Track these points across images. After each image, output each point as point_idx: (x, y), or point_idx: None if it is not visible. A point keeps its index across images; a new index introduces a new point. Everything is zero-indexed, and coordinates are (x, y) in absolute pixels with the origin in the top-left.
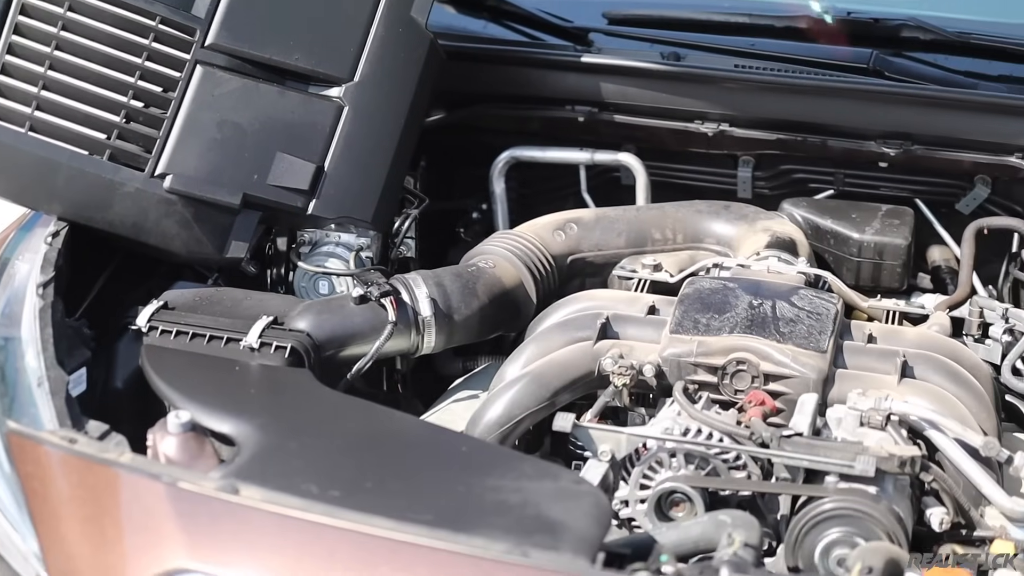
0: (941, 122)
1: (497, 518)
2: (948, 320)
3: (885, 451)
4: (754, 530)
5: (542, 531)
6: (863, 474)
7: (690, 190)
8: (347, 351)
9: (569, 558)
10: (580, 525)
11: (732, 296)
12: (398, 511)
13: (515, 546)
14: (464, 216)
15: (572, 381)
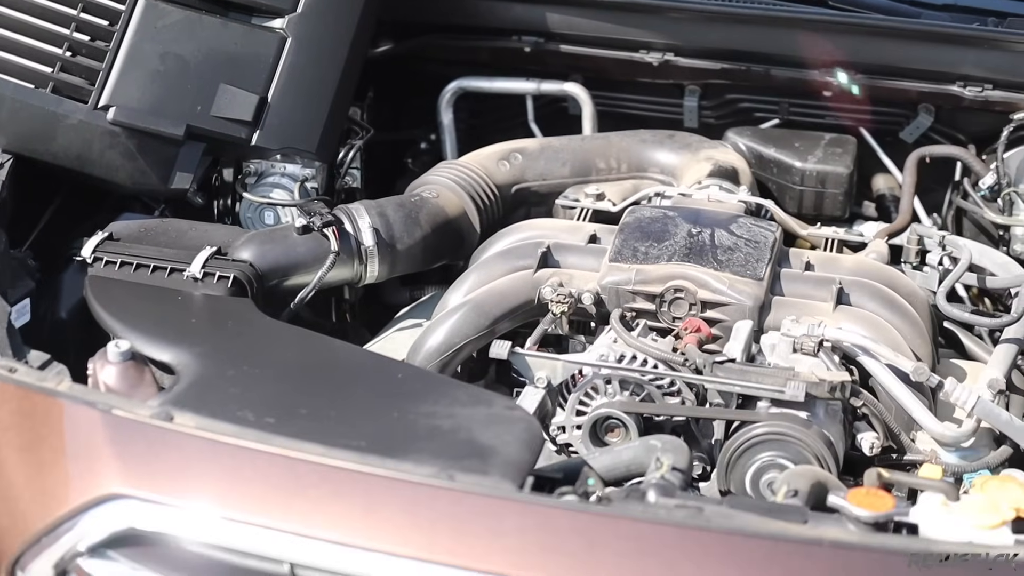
0: (884, 51)
1: (428, 443)
2: (886, 248)
3: (816, 377)
4: (683, 454)
5: (472, 456)
6: (793, 399)
7: (637, 120)
8: (290, 281)
9: (494, 481)
10: (510, 450)
11: (672, 225)
12: (331, 437)
13: (442, 470)
14: (412, 147)
15: (512, 309)
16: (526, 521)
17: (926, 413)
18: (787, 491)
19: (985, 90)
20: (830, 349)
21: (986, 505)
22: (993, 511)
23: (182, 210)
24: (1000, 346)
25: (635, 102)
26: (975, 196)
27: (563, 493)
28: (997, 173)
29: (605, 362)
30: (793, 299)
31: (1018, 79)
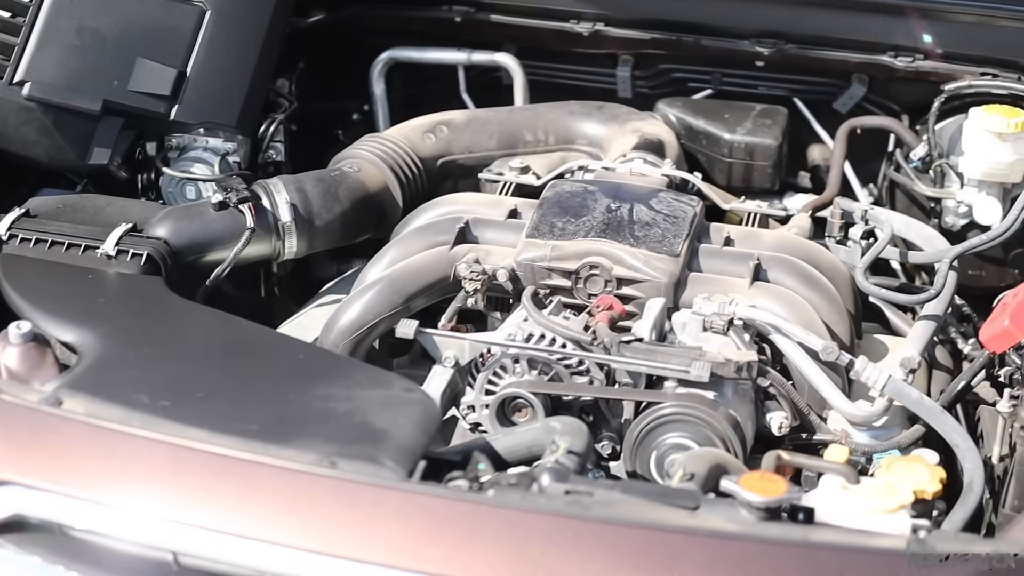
0: (814, 21)
1: (322, 426)
2: (809, 222)
3: (722, 356)
4: (580, 437)
5: (364, 439)
6: (698, 379)
7: (572, 90)
8: (208, 257)
9: (376, 468)
10: (403, 433)
11: (591, 199)
12: (223, 421)
13: (324, 457)
14: (344, 118)
15: (427, 286)
16: (404, 509)
17: (835, 392)
18: (683, 475)
19: (916, 60)
20: (741, 327)
21: (884, 489)
22: (891, 495)
23: (106, 185)
24: (918, 323)
25: (570, 72)
26: (907, 168)
27: (453, 478)
28: (929, 144)
29: (513, 341)
30: (710, 275)
31: (948, 49)
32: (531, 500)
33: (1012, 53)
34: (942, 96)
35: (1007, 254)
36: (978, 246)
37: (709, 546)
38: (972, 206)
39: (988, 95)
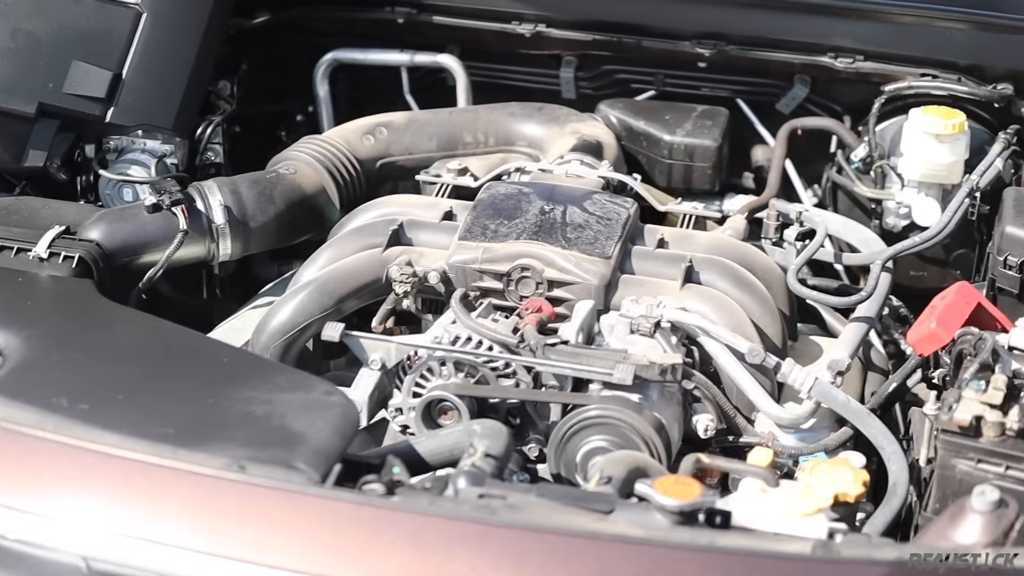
0: (754, 22)
1: (238, 431)
2: (744, 224)
3: (646, 359)
4: (499, 440)
5: (280, 443)
6: (621, 382)
7: (518, 91)
8: (141, 260)
9: (284, 473)
10: (320, 436)
11: (525, 201)
12: (141, 424)
13: (233, 461)
14: (288, 119)
15: (358, 288)
16: (310, 513)
17: (762, 394)
18: (600, 478)
19: (857, 61)
20: (669, 330)
21: (803, 492)
22: (809, 498)
23: (46, 187)
24: (849, 325)
25: (514, 73)
26: (848, 169)
27: (367, 482)
28: (869, 145)
29: (439, 344)
30: (642, 277)
31: (889, 50)
32: (437, 505)
33: (951, 54)
34: (882, 97)
35: (948, 255)
36: (911, 248)
37: (614, 551)
38: (911, 207)
39: (928, 96)
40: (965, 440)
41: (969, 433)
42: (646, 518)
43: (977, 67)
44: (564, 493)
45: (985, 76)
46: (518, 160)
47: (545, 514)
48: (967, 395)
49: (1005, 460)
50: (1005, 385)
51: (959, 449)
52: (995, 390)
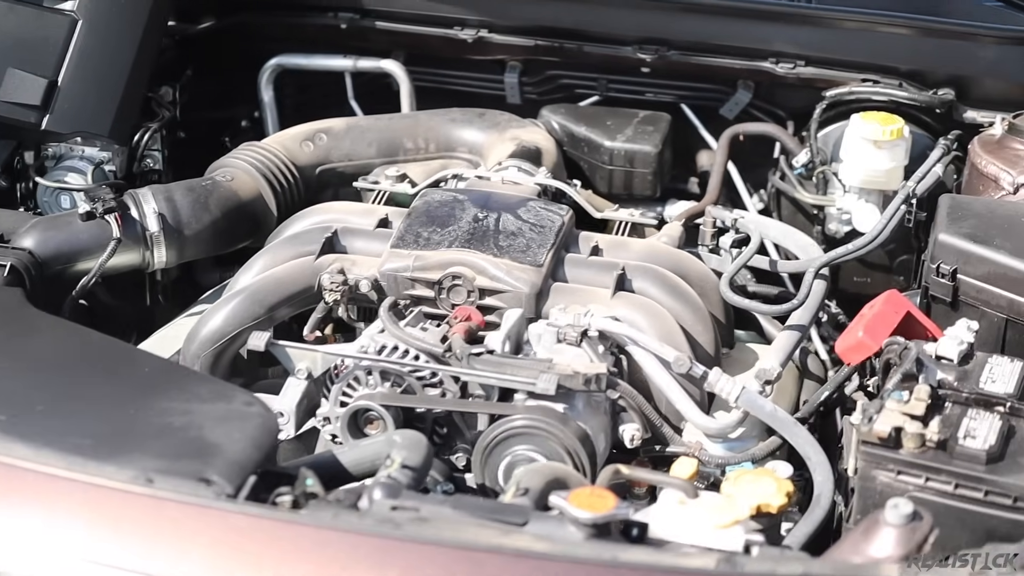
0: (695, 27)
1: (155, 442)
2: (680, 230)
3: (570, 368)
4: (418, 451)
5: (195, 455)
6: (544, 392)
7: (464, 96)
8: (75, 267)
9: (192, 486)
10: (236, 448)
11: (459, 209)
12: (59, 436)
13: (141, 473)
14: (233, 125)
15: (289, 296)
16: (216, 527)
17: (689, 403)
18: (517, 490)
19: (797, 67)
20: (597, 339)
21: (721, 503)
22: (727, 510)
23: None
24: (781, 334)
25: (460, 79)
26: (790, 175)
27: (281, 494)
28: (811, 151)
29: (365, 353)
30: (574, 285)
31: (830, 55)
32: (341, 518)
33: (893, 59)
34: (823, 102)
35: (892, 261)
36: (845, 256)
37: (516, 565)
38: (852, 214)
39: (869, 101)
40: (885, 451)
41: (889, 444)
42: (559, 531)
43: (919, 72)
44: (479, 505)
45: (927, 81)
46: (456, 167)
47: (453, 527)
48: (889, 406)
49: (924, 472)
50: (928, 396)
51: (879, 460)
52: (917, 400)
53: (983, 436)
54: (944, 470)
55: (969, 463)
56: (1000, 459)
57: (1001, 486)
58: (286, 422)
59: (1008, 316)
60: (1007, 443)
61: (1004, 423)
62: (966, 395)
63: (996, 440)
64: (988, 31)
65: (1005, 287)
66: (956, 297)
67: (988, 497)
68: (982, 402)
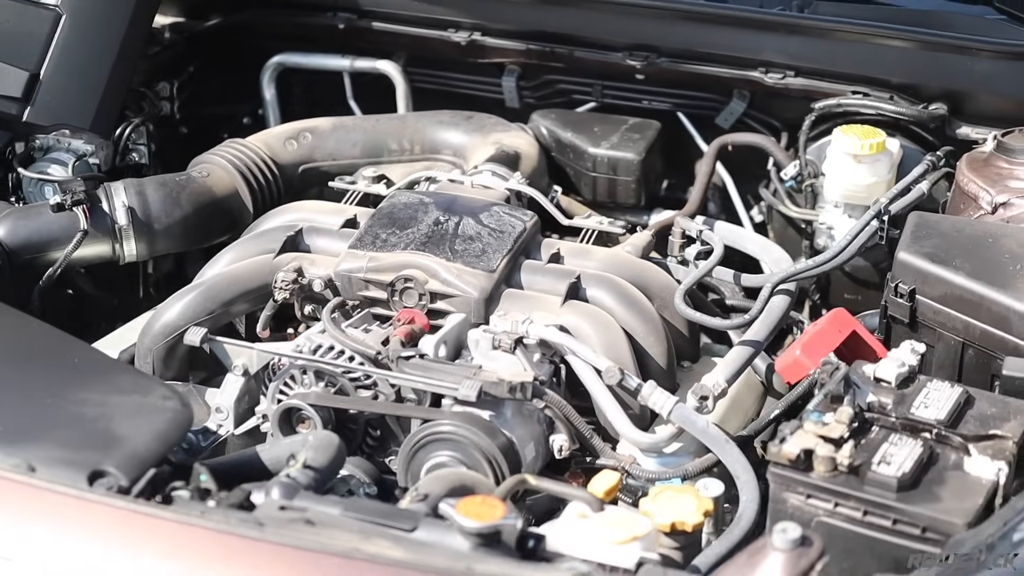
0: (684, 35)
1: (64, 431)
2: (647, 240)
3: (495, 376)
4: (325, 452)
5: (98, 446)
6: (465, 398)
7: (464, 99)
8: (45, 257)
9: (73, 476)
10: (140, 441)
11: (422, 212)
12: None
13: (23, 462)
14: (234, 122)
15: (244, 293)
16: (86, 518)
17: (620, 416)
18: (416, 495)
19: (787, 77)
20: (535, 346)
21: (622, 520)
22: (626, 526)
23: None
24: (733, 349)
25: (462, 81)
26: (780, 187)
27: (175, 488)
28: (800, 163)
29: (300, 352)
30: (525, 292)
31: (820, 66)
32: (207, 515)
33: (885, 72)
34: (812, 114)
35: (882, 278)
36: (805, 271)
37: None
38: (834, 228)
39: (857, 114)
40: (794, 474)
41: (799, 466)
42: (446, 538)
43: (911, 86)
44: (371, 509)
45: (920, 95)
46: (438, 169)
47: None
48: (806, 427)
49: (834, 497)
50: (848, 418)
51: (788, 483)
52: (837, 423)
53: (898, 463)
54: (853, 496)
55: (880, 490)
56: (913, 487)
57: (910, 515)
58: (224, 418)
59: (964, 340)
60: (925, 471)
61: (925, 450)
62: (894, 419)
63: (912, 467)
64: (984, 45)
65: (961, 310)
66: (914, 318)
67: (897, 526)
68: (909, 427)
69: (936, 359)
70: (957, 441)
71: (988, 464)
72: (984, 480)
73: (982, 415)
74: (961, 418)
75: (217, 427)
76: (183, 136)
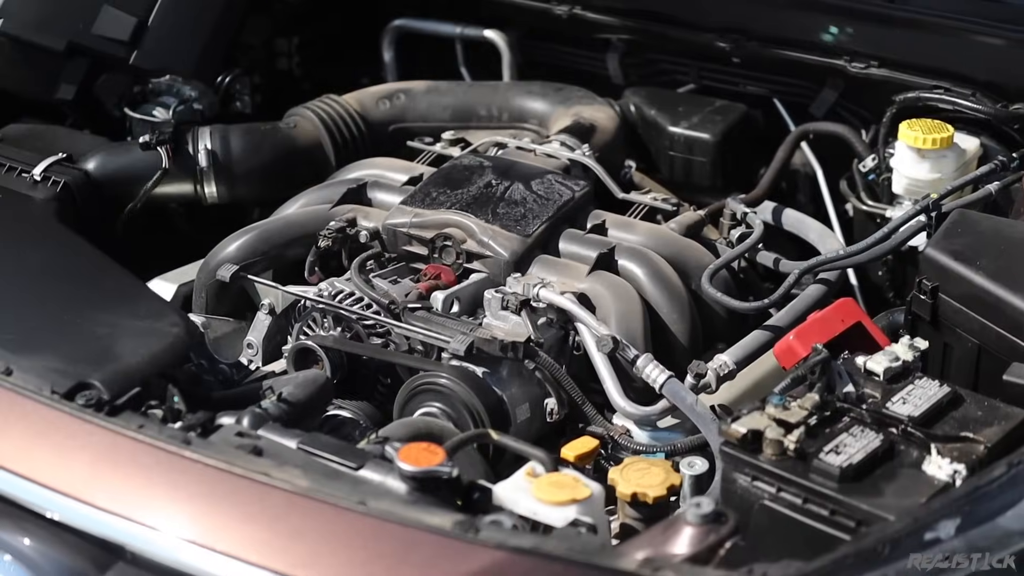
0: (773, 19)
1: (69, 345)
2: (695, 219)
3: (489, 333)
4: (304, 388)
5: (93, 361)
6: (455, 352)
7: (572, 73)
8: (131, 191)
9: (38, 383)
10: (132, 360)
11: (478, 174)
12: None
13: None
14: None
15: (296, 239)
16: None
17: (614, 385)
18: (376, 437)
19: (870, 67)
20: (546, 310)
21: (564, 482)
22: (566, 489)
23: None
24: (752, 333)
25: (571, 56)
26: (858, 180)
27: (151, 407)
28: (878, 156)
29: (321, 296)
30: (557, 259)
31: (904, 58)
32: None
33: (971, 67)
34: (893, 107)
35: None
36: (831, 262)
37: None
38: None
39: (937, 109)
40: (743, 454)
41: (746, 447)
42: (385, 479)
43: (997, 84)
44: (325, 444)
45: (1008, 94)
46: (523, 137)
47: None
48: (767, 409)
49: (777, 481)
50: (812, 405)
51: (737, 463)
52: (799, 408)
53: (849, 454)
54: (795, 481)
55: (822, 478)
56: (857, 479)
57: (846, 507)
58: (255, 353)
59: (981, 343)
60: (878, 465)
61: (884, 444)
62: (863, 412)
63: (861, 459)
64: None
65: (978, 311)
66: (936, 317)
67: (834, 517)
68: (877, 421)
69: (955, 360)
70: (921, 439)
71: (946, 465)
72: (936, 481)
73: (964, 417)
74: (940, 418)
75: (248, 362)
76: (305, 92)
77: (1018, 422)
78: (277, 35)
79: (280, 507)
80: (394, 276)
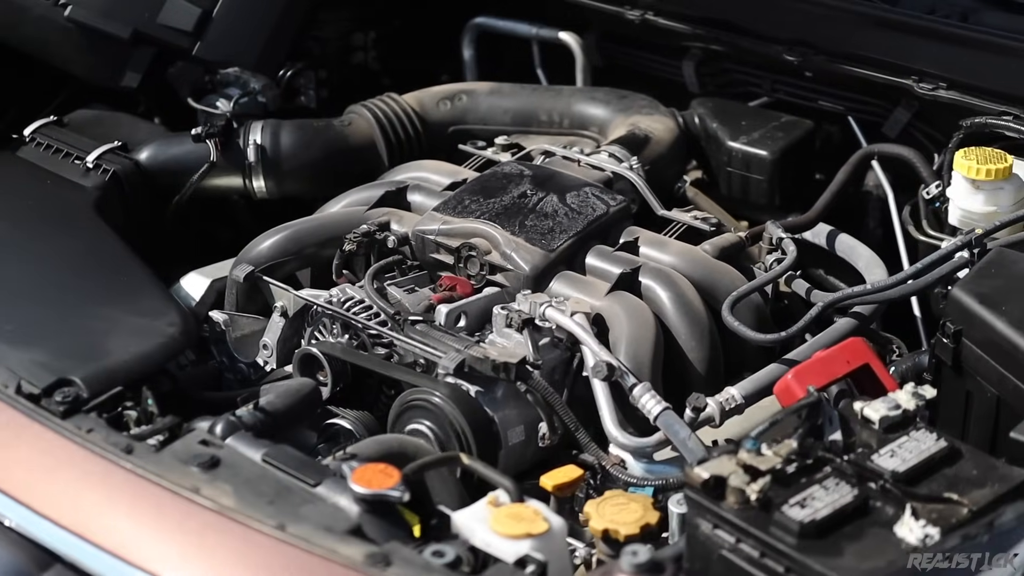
0: (842, 34)
1: (62, 338)
2: (731, 241)
3: (482, 352)
4: (284, 398)
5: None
6: (445, 369)
7: (648, 80)
8: (180, 182)
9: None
10: (117, 359)
11: (514, 183)
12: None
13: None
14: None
15: (326, 240)
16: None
17: (609, 413)
18: (343, 453)
19: (939, 88)
20: (552, 330)
21: (524, 515)
22: (524, 522)
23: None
24: (768, 367)
25: (648, 61)
26: (921, 206)
27: (126, 408)
28: (943, 184)
29: (331, 302)
30: (578, 276)
31: (975, 81)
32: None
33: None
34: (960, 132)
35: None
36: (858, 295)
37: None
38: None
39: (1002, 136)
40: (705, 500)
41: (708, 492)
42: (339, 500)
43: None
44: (288, 458)
45: None
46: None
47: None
48: (740, 454)
49: (736, 531)
50: (788, 452)
51: (699, 509)
52: (774, 455)
53: (815, 508)
54: (753, 535)
55: (781, 532)
56: (820, 536)
57: (802, 566)
58: (269, 355)
59: (999, 394)
60: (846, 522)
61: (858, 500)
62: (846, 462)
63: (827, 515)
64: None
65: (998, 360)
66: (958, 362)
67: (788, 575)
68: (858, 474)
69: (974, 411)
70: (898, 497)
71: (917, 528)
72: (904, 544)
73: (957, 476)
74: (928, 475)
75: (263, 363)
76: (382, 87)
77: (1013, 486)
78: (355, 29)
79: (201, 525)
80: (411, 285)
